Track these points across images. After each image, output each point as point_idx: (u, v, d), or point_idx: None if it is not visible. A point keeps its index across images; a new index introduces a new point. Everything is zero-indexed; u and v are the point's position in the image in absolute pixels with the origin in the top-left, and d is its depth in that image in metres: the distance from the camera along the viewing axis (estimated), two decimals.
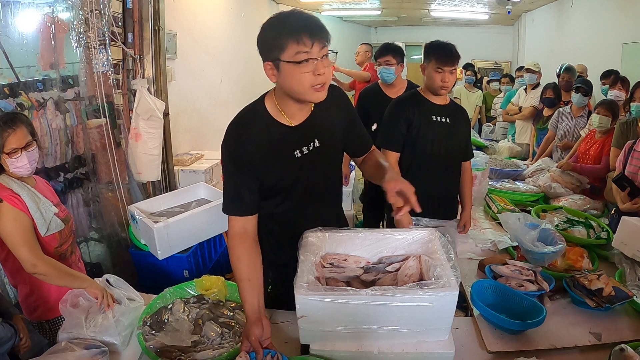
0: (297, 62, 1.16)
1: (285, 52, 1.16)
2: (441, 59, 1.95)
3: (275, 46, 1.17)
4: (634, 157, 2.19)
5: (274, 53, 1.18)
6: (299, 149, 1.37)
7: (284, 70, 1.19)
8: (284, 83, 1.23)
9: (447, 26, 8.83)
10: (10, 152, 1.49)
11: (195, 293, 1.59)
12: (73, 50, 2.42)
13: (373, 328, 1.20)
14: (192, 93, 3.90)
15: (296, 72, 1.18)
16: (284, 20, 1.19)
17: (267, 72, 1.24)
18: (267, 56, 1.21)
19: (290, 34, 1.15)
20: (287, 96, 1.29)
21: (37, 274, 1.47)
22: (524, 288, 1.57)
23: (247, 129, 1.32)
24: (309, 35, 1.16)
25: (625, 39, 4.38)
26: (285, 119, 1.34)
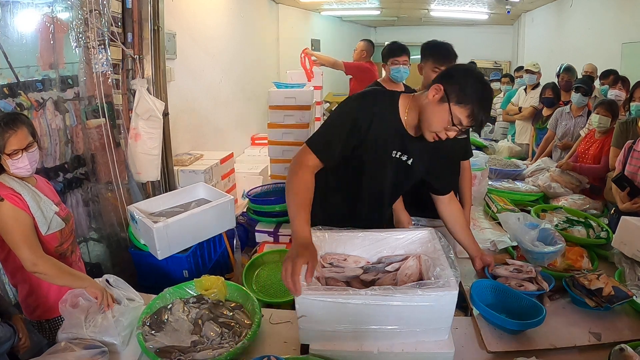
0: (452, 121, 1.34)
1: (458, 107, 1.32)
2: (439, 58, 1.95)
3: (461, 93, 1.32)
4: (633, 157, 2.19)
5: (454, 92, 1.32)
6: (396, 152, 1.51)
7: (441, 107, 1.34)
8: (429, 109, 1.38)
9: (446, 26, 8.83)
10: (11, 153, 1.49)
11: (194, 293, 1.59)
12: (72, 50, 2.41)
13: (373, 328, 1.20)
14: (191, 93, 3.90)
15: (444, 118, 1.34)
16: (484, 93, 1.35)
17: (433, 89, 1.37)
18: (446, 84, 1.34)
19: (476, 108, 1.32)
20: (418, 111, 1.44)
21: (38, 273, 1.47)
22: (524, 288, 1.57)
23: (381, 105, 1.47)
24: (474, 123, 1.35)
25: (625, 38, 4.38)
26: (404, 122, 1.48)
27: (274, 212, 2.99)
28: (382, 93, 1.54)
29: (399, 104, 1.48)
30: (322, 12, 7.78)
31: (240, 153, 4.83)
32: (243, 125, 5.11)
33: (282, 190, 3.26)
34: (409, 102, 1.48)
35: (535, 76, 4.39)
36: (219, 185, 3.35)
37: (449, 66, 1.48)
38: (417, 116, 1.44)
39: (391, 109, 1.48)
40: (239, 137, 4.95)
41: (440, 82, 1.35)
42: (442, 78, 1.37)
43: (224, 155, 3.55)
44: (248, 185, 3.61)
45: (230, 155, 3.66)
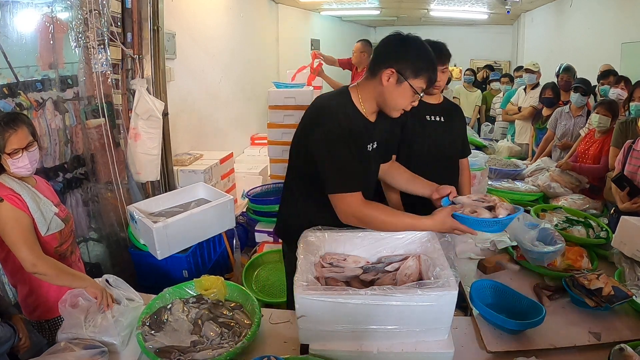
0: (415, 92, 1.40)
1: (416, 80, 1.39)
2: None
3: (412, 68, 1.38)
4: (633, 157, 2.19)
5: (406, 70, 1.38)
6: (370, 144, 1.53)
7: (401, 87, 1.40)
8: (389, 93, 1.42)
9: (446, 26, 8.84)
10: (12, 152, 1.49)
11: (194, 293, 1.59)
12: (72, 50, 2.41)
13: (372, 328, 1.20)
14: (191, 93, 3.89)
15: (407, 95, 1.41)
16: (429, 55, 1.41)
17: (384, 74, 1.40)
18: (395, 65, 1.38)
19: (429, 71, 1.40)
20: (374, 98, 1.47)
21: (37, 273, 1.47)
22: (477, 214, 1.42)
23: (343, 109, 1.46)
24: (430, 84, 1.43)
25: (624, 38, 4.38)
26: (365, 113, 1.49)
27: (274, 212, 2.98)
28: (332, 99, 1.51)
29: (352, 100, 1.49)
30: (322, 12, 7.77)
31: (240, 153, 4.83)
32: (243, 125, 5.11)
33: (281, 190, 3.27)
34: (359, 92, 1.49)
35: (535, 76, 4.39)
36: (219, 185, 3.35)
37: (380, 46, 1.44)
38: (374, 102, 1.48)
39: (349, 106, 1.48)
40: (238, 137, 4.95)
41: (389, 65, 1.38)
42: (387, 60, 1.40)
43: (224, 155, 3.55)
44: (248, 185, 3.61)
45: (230, 155, 3.66)
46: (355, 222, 1.43)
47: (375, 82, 1.43)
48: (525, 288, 1.73)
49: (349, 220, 1.43)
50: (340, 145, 1.40)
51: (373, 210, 1.42)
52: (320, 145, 1.41)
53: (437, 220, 1.41)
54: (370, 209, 1.42)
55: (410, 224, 1.44)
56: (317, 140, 1.42)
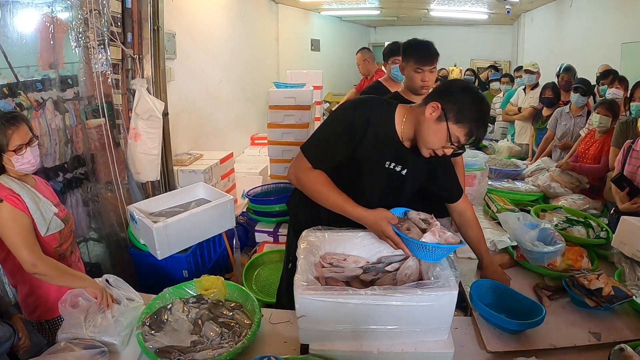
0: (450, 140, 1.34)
1: (456, 126, 1.33)
2: (420, 58, 1.92)
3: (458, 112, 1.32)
4: (632, 157, 2.19)
5: (450, 112, 1.33)
6: (390, 162, 1.50)
7: (439, 126, 1.34)
8: (426, 127, 1.38)
9: (446, 26, 8.85)
10: (16, 148, 1.49)
11: (194, 293, 1.59)
12: (72, 50, 2.41)
13: (372, 328, 1.20)
14: (191, 93, 3.90)
15: (442, 136, 1.35)
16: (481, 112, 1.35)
17: (430, 106, 1.36)
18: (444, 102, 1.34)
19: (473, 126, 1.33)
20: (414, 126, 1.43)
21: (37, 274, 1.47)
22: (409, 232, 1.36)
23: (377, 113, 1.46)
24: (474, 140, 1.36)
25: (624, 38, 4.38)
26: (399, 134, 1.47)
27: (274, 212, 2.99)
28: (379, 102, 1.53)
29: (395, 114, 1.47)
30: (322, 12, 7.78)
31: (240, 153, 4.83)
32: (243, 125, 5.11)
33: (282, 190, 3.27)
34: (406, 113, 1.46)
35: (535, 76, 4.39)
36: (219, 185, 3.35)
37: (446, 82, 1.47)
38: (412, 129, 1.44)
39: (387, 118, 1.47)
40: (238, 137, 4.95)
41: (438, 100, 1.35)
42: (439, 95, 1.37)
43: (224, 155, 3.55)
44: (248, 185, 3.61)
45: (230, 155, 3.66)
46: (294, 180, 1.50)
47: (422, 111, 1.40)
48: (525, 288, 1.72)
49: (291, 177, 1.51)
50: (334, 125, 1.48)
51: (314, 176, 1.46)
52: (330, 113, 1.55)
53: (373, 217, 1.38)
54: (313, 174, 1.46)
55: (340, 204, 1.42)
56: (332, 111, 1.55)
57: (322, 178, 1.46)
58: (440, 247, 1.27)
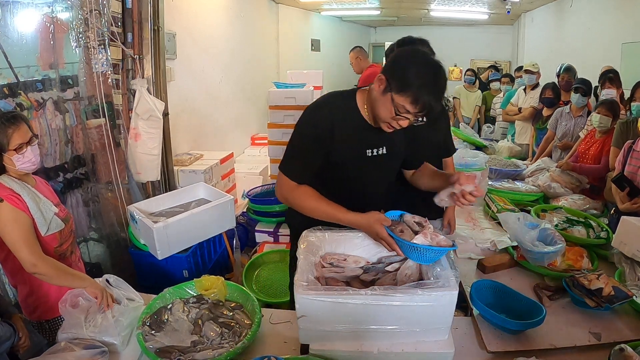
0: (396, 111, 1.30)
1: (399, 95, 1.28)
2: None
3: (400, 82, 1.27)
4: (633, 157, 2.19)
5: (394, 81, 1.28)
6: (370, 149, 1.48)
7: (385, 98, 1.31)
8: (376, 100, 1.35)
9: (446, 26, 8.84)
10: (17, 147, 1.50)
11: (194, 293, 1.59)
12: (72, 50, 2.41)
13: (372, 328, 1.20)
14: (191, 93, 3.90)
15: (388, 108, 1.31)
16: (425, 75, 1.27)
17: (377, 80, 1.34)
18: (388, 74, 1.31)
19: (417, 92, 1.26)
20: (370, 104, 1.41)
21: (37, 273, 1.47)
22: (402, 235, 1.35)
23: (338, 109, 1.44)
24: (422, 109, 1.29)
25: (624, 38, 4.38)
26: (367, 118, 1.45)
27: (274, 212, 3.00)
28: (336, 97, 1.49)
29: (357, 102, 1.46)
30: (322, 12, 7.78)
31: (240, 153, 4.83)
32: (243, 125, 5.11)
33: None
34: (366, 96, 1.44)
35: (535, 76, 4.38)
36: (219, 185, 3.35)
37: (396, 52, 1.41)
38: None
39: (350, 109, 1.45)
40: (238, 137, 4.95)
41: (384, 71, 1.32)
42: (385, 67, 1.35)
43: (224, 155, 3.55)
44: (248, 185, 3.61)
45: (230, 155, 3.66)
46: (283, 201, 1.52)
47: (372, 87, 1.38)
48: (525, 288, 1.73)
49: (280, 199, 1.52)
50: (301, 136, 1.46)
51: (300, 194, 1.46)
52: (295, 127, 1.49)
53: (367, 221, 1.37)
54: (299, 192, 1.46)
55: (332, 214, 1.42)
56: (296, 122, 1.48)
57: (309, 192, 1.45)
58: (431, 249, 1.26)
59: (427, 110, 1.30)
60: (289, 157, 1.49)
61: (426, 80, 1.27)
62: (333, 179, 1.51)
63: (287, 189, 1.47)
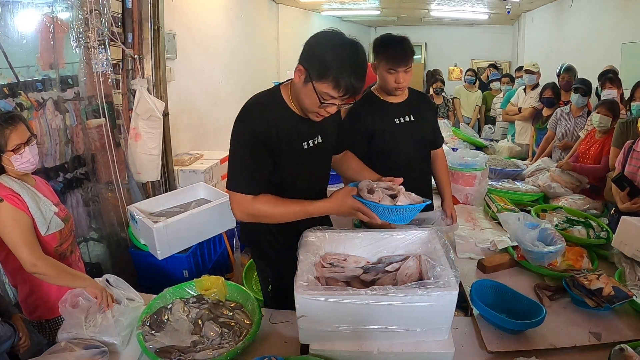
0: (321, 99, 1.27)
1: (320, 83, 1.25)
2: (392, 58, 1.74)
3: (319, 68, 1.24)
4: (633, 157, 2.19)
5: (313, 69, 1.25)
6: (306, 141, 1.45)
7: (308, 88, 1.28)
8: (299, 92, 1.33)
9: (446, 26, 8.83)
10: (15, 148, 1.50)
11: (194, 293, 1.59)
12: (72, 50, 2.42)
13: (373, 328, 1.20)
14: (191, 93, 3.90)
15: (312, 98, 1.28)
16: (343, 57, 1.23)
17: (296, 71, 1.31)
18: (305, 63, 1.27)
19: (337, 76, 1.22)
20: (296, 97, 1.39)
21: (37, 273, 1.47)
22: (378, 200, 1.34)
23: (268, 109, 1.39)
24: (346, 92, 1.26)
25: (624, 38, 4.38)
26: (296, 110, 1.42)
27: None
28: (260, 97, 1.44)
29: (283, 98, 1.41)
30: (322, 12, 7.78)
31: None
32: None
33: None
34: (289, 90, 1.41)
35: (535, 76, 4.38)
36: (219, 185, 3.35)
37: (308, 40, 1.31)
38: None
39: (278, 105, 1.41)
40: None
41: (301, 62, 1.28)
42: (302, 57, 1.29)
43: (224, 155, 3.54)
44: None
45: None
46: (247, 218, 1.41)
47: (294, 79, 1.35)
48: (525, 288, 1.72)
49: (242, 218, 1.42)
50: (243, 147, 1.37)
51: (262, 204, 1.37)
52: (232, 142, 1.41)
53: (336, 201, 1.34)
54: (259, 203, 1.37)
55: (301, 210, 1.36)
56: (231, 136, 1.41)
57: (269, 198, 1.39)
58: (412, 207, 1.30)
59: (350, 92, 1.27)
60: (236, 174, 1.40)
61: (344, 61, 1.23)
62: (277, 181, 1.45)
63: (245, 204, 1.37)
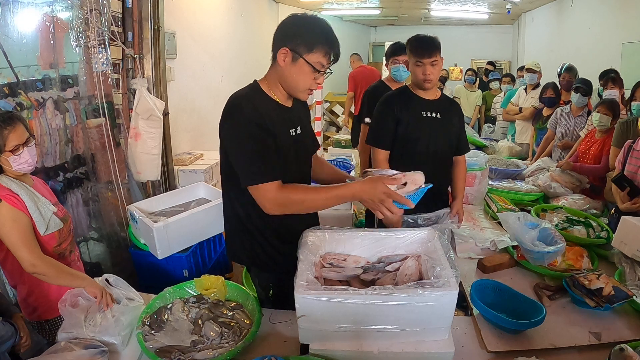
0: (314, 68, 1.34)
1: (311, 54, 1.33)
2: (418, 52, 1.94)
3: (306, 43, 1.32)
4: (633, 157, 2.19)
5: (299, 47, 1.33)
6: (292, 128, 1.49)
7: (298, 65, 1.35)
8: (288, 73, 1.37)
9: (446, 26, 8.84)
10: (13, 149, 1.50)
11: (194, 293, 1.59)
12: (72, 49, 2.41)
13: (373, 327, 1.20)
14: (191, 92, 3.90)
15: (305, 72, 1.36)
16: (324, 29, 1.36)
17: (280, 55, 1.36)
18: (288, 43, 1.34)
19: (325, 45, 1.33)
20: (279, 83, 1.43)
21: (37, 273, 1.47)
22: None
23: (254, 100, 1.40)
24: (334, 55, 1.36)
25: (625, 38, 4.38)
26: (279, 100, 1.46)
27: None
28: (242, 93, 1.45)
29: (263, 90, 1.45)
30: (322, 12, 7.78)
31: None
32: None
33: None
34: (266, 82, 1.46)
35: (536, 75, 4.38)
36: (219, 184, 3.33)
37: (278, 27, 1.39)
38: (279, 87, 1.44)
39: (262, 97, 1.43)
40: None
41: (282, 45, 1.35)
42: (280, 42, 1.36)
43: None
44: None
45: None
46: (277, 209, 1.36)
47: (276, 66, 1.39)
48: (525, 288, 1.73)
49: (272, 210, 1.35)
50: (247, 136, 1.34)
51: (291, 192, 1.34)
52: (230, 138, 1.38)
53: (368, 183, 1.32)
54: (289, 191, 1.34)
55: (333, 195, 1.34)
56: (227, 136, 1.39)
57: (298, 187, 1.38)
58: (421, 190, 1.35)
59: (335, 58, 1.38)
60: (250, 167, 1.34)
61: (326, 32, 1.36)
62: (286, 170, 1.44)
63: (273, 193, 1.32)
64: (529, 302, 1.51)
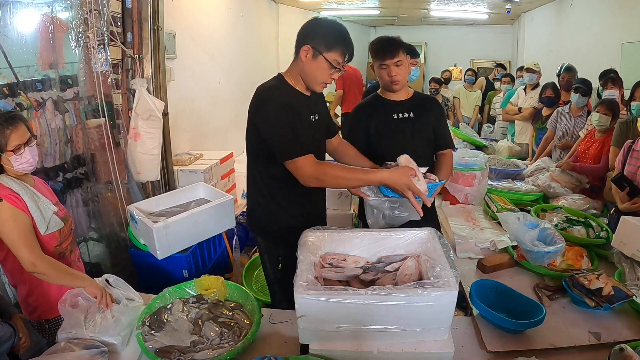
0: (331, 65, 1.54)
1: (330, 53, 1.53)
2: (379, 54, 1.93)
3: (326, 42, 1.53)
4: (633, 157, 2.19)
5: (320, 45, 1.53)
6: (312, 115, 1.68)
7: (318, 61, 1.54)
8: (308, 68, 1.57)
9: (446, 26, 8.83)
10: (15, 148, 1.50)
11: (194, 293, 1.59)
12: (72, 50, 2.41)
13: (372, 328, 1.20)
14: (191, 93, 3.89)
15: (324, 67, 1.55)
16: (342, 32, 1.57)
17: (302, 51, 1.56)
18: (310, 42, 1.54)
19: (342, 45, 1.55)
20: (300, 76, 1.63)
21: (37, 273, 1.47)
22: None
23: (280, 89, 1.61)
24: (349, 55, 1.57)
25: (624, 38, 4.38)
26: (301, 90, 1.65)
27: None
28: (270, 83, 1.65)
29: (287, 82, 1.64)
30: (322, 12, 7.78)
31: (240, 153, 4.80)
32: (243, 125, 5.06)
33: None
34: (289, 76, 1.65)
35: (536, 75, 4.38)
36: (219, 185, 3.35)
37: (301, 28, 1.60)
38: (300, 79, 1.63)
39: (287, 87, 1.62)
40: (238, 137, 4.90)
41: (304, 43, 1.55)
42: (303, 40, 1.56)
43: (224, 155, 3.55)
44: None
45: (230, 155, 3.66)
46: (314, 182, 1.53)
47: (298, 61, 1.59)
48: (525, 288, 1.73)
49: (309, 182, 1.53)
50: (282, 115, 1.52)
51: (327, 167, 1.57)
52: (265, 122, 1.56)
53: (396, 172, 1.54)
54: (325, 166, 1.57)
55: (365, 178, 1.56)
56: (262, 119, 1.57)
57: (334, 164, 1.64)
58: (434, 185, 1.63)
59: (350, 57, 1.58)
60: (286, 143, 1.53)
61: (343, 34, 1.57)
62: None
63: (310, 166, 1.51)
64: (529, 302, 1.51)
